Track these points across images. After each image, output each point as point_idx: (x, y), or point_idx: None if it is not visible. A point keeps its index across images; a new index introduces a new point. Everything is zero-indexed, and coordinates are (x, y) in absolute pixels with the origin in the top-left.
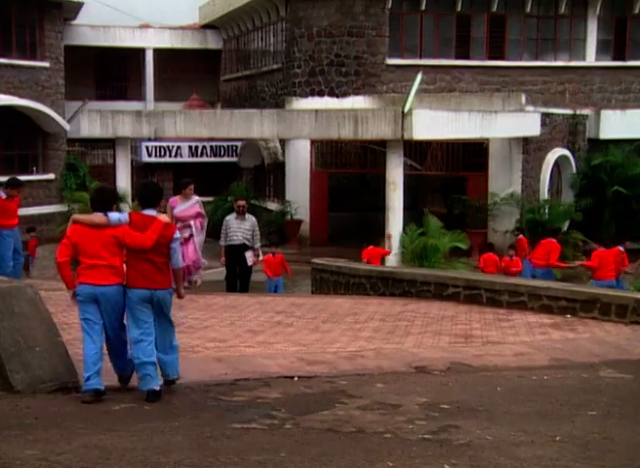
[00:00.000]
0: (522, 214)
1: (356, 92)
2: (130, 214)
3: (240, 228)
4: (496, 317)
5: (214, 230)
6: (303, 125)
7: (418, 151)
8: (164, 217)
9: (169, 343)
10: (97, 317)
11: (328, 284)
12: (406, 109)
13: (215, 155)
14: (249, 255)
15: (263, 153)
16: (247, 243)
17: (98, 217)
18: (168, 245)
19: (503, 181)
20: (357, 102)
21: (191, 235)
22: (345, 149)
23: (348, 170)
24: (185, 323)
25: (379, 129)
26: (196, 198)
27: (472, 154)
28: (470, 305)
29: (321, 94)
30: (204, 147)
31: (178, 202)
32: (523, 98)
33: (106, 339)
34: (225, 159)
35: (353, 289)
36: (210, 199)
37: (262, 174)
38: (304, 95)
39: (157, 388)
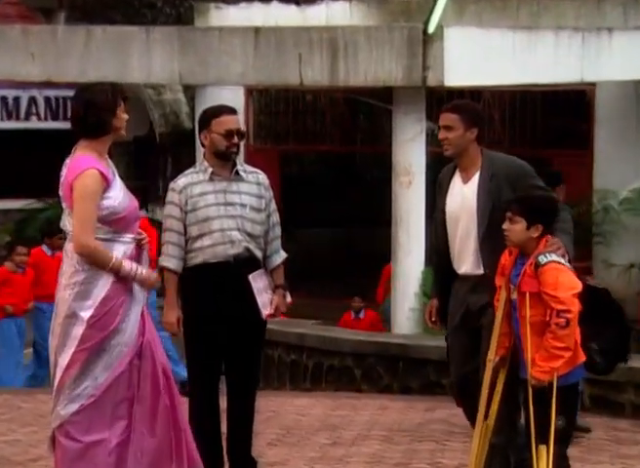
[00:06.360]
0: None
1: None
2: None
3: (228, 206)
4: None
5: None
6: (232, 58)
7: None
8: None
9: None
10: None
11: (281, 368)
12: (431, 27)
13: (53, 117)
14: (260, 288)
15: (153, 114)
16: (251, 249)
17: None
18: None
19: (623, 166)
20: (335, 14)
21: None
22: (313, 107)
23: (318, 146)
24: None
25: (377, 66)
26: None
27: (562, 115)
28: None
29: None
30: (32, 100)
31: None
32: None
33: None
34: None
35: (329, 377)
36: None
37: (151, 153)
38: None
39: None
